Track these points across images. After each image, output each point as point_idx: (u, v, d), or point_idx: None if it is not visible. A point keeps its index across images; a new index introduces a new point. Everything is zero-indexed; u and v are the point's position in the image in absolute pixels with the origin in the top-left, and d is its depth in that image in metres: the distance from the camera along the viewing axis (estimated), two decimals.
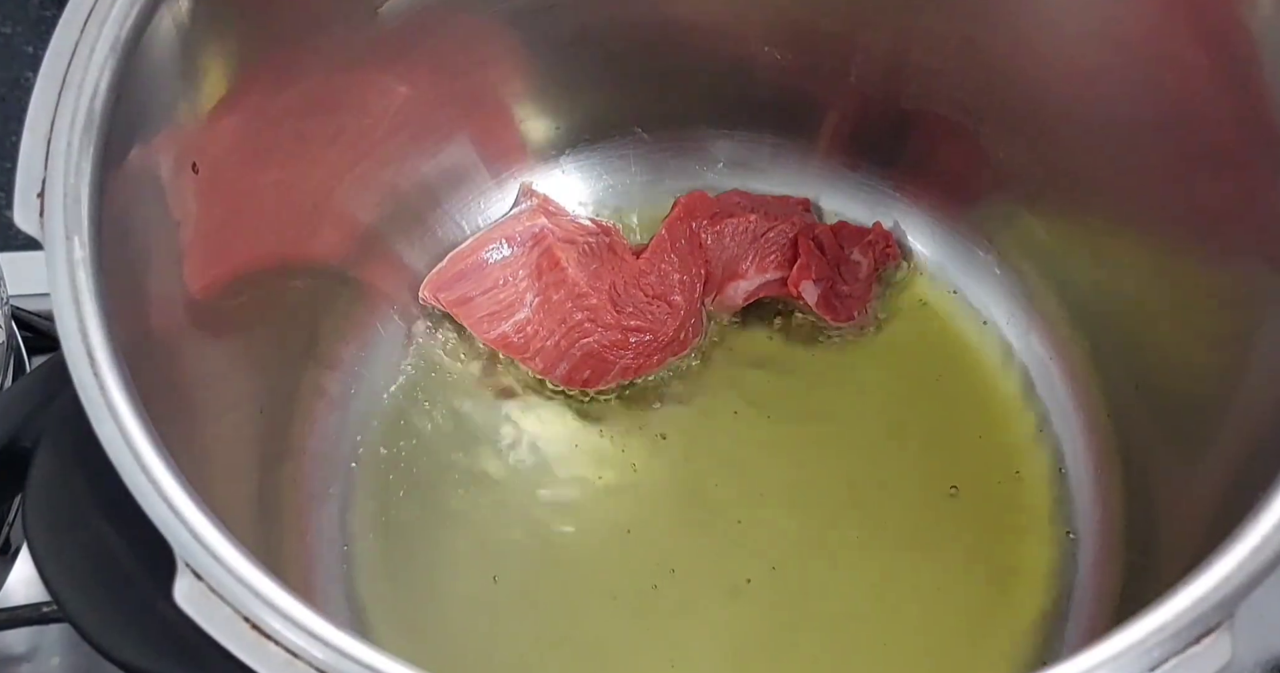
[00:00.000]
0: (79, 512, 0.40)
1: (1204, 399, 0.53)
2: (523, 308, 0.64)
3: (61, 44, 0.40)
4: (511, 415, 0.64)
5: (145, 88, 0.42)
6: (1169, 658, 0.34)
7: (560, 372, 0.64)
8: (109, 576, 0.40)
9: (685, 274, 0.66)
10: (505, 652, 0.58)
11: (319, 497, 0.61)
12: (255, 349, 0.55)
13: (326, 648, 0.34)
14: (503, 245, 0.65)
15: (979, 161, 0.65)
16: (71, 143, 0.39)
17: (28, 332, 0.60)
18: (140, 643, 0.39)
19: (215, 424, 0.50)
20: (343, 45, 0.54)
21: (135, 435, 0.36)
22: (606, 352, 0.64)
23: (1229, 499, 0.43)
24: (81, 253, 0.38)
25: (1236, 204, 0.51)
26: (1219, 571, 0.36)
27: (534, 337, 0.64)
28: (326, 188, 0.58)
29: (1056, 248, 0.64)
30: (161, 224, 0.45)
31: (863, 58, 0.64)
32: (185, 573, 0.35)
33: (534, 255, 0.65)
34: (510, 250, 0.65)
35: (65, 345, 0.37)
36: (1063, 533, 0.61)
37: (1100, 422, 0.62)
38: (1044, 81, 0.58)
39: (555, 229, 0.66)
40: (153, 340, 0.43)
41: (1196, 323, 0.55)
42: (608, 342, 0.64)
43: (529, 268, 0.65)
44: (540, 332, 0.64)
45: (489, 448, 0.63)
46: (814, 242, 0.66)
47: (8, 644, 0.61)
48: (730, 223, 0.67)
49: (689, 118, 0.69)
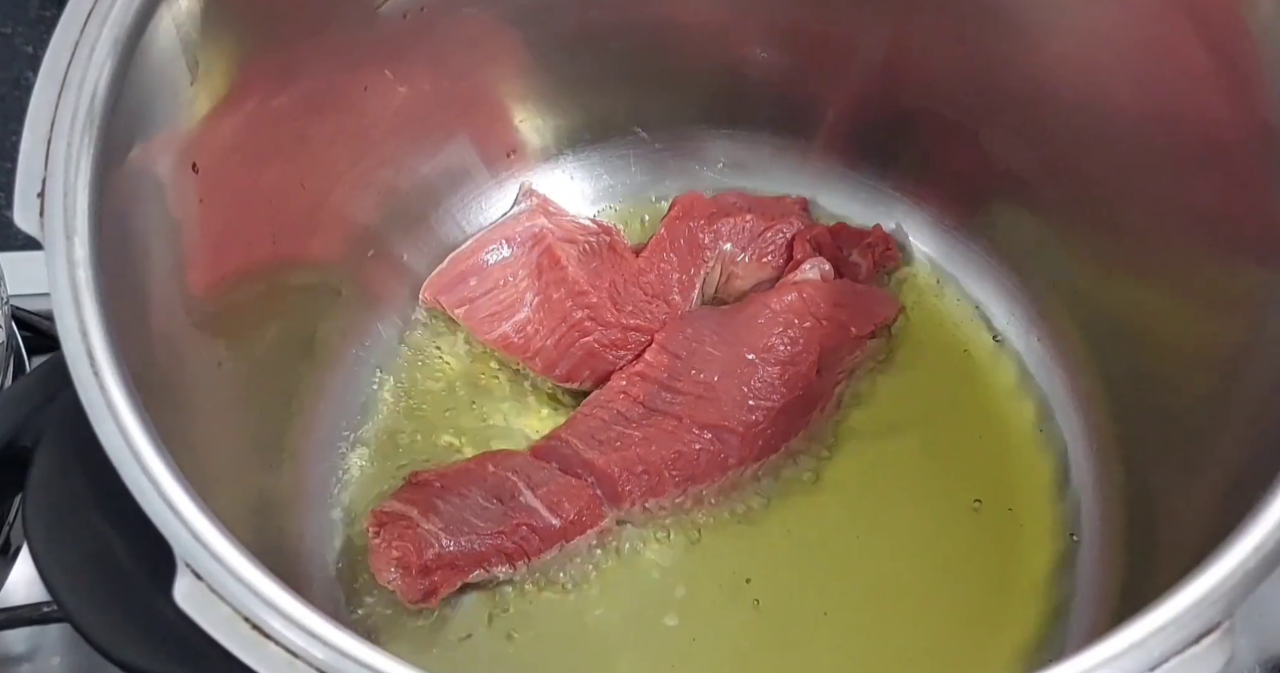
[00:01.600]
0: (79, 511, 0.40)
1: (1205, 399, 0.53)
2: (523, 308, 0.64)
3: (62, 43, 0.40)
4: (509, 416, 0.64)
5: (145, 87, 0.42)
6: (1169, 658, 0.34)
7: (560, 371, 0.64)
8: (109, 575, 0.40)
9: (684, 273, 0.66)
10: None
11: (319, 498, 0.61)
12: (255, 349, 0.54)
13: (327, 648, 0.34)
14: (503, 246, 0.65)
15: (979, 162, 0.65)
16: (71, 142, 0.39)
17: (27, 332, 0.60)
18: (140, 643, 0.39)
19: (215, 424, 0.50)
20: (343, 45, 0.54)
21: (135, 435, 0.36)
22: (606, 351, 0.64)
23: (1229, 500, 0.43)
24: (81, 252, 0.38)
25: (1235, 204, 0.51)
26: (1219, 570, 0.36)
27: (534, 336, 0.64)
28: (326, 188, 0.58)
29: (1058, 248, 0.64)
30: (162, 224, 0.45)
31: (861, 58, 0.64)
32: (185, 573, 0.35)
33: (534, 255, 0.65)
34: (510, 251, 0.65)
35: (65, 345, 0.37)
36: (1066, 535, 0.61)
37: (1102, 422, 0.62)
38: (1043, 82, 0.58)
39: (555, 229, 0.66)
40: (153, 340, 0.43)
41: (1197, 323, 0.55)
42: (607, 341, 0.64)
43: (529, 268, 0.65)
44: (540, 331, 0.64)
45: (488, 449, 0.63)
46: (811, 243, 0.66)
47: (8, 644, 0.61)
48: (727, 222, 0.66)
49: (689, 118, 0.70)
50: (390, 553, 0.56)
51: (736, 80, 0.67)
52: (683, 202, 0.68)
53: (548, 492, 0.58)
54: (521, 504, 0.58)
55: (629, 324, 0.64)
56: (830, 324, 0.63)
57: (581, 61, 0.65)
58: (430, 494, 0.58)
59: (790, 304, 0.63)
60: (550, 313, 0.64)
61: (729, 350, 0.62)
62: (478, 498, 0.58)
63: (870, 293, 0.66)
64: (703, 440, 0.60)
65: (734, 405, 0.60)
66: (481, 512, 0.57)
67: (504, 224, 0.67)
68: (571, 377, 0.64)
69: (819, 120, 0.68)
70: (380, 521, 0.57)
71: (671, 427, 0.60)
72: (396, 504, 0.58)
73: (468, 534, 0.57)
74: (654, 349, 0.63)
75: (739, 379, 0.61)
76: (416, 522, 0.57)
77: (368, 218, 0.63)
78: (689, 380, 0.61)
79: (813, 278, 0.64)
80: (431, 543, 0.56)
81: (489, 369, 0.65)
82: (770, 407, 0.60)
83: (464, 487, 0.58)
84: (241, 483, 0.52)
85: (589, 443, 0.60)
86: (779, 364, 0.61)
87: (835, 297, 0.64)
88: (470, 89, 0.63)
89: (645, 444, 0.60)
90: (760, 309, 0.63)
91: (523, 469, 0.59)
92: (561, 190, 0.70)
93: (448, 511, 0.57)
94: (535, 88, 0.66)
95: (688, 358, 0.62)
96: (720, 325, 0.63)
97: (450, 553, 0.56)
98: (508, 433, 0.64)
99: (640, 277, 0.66)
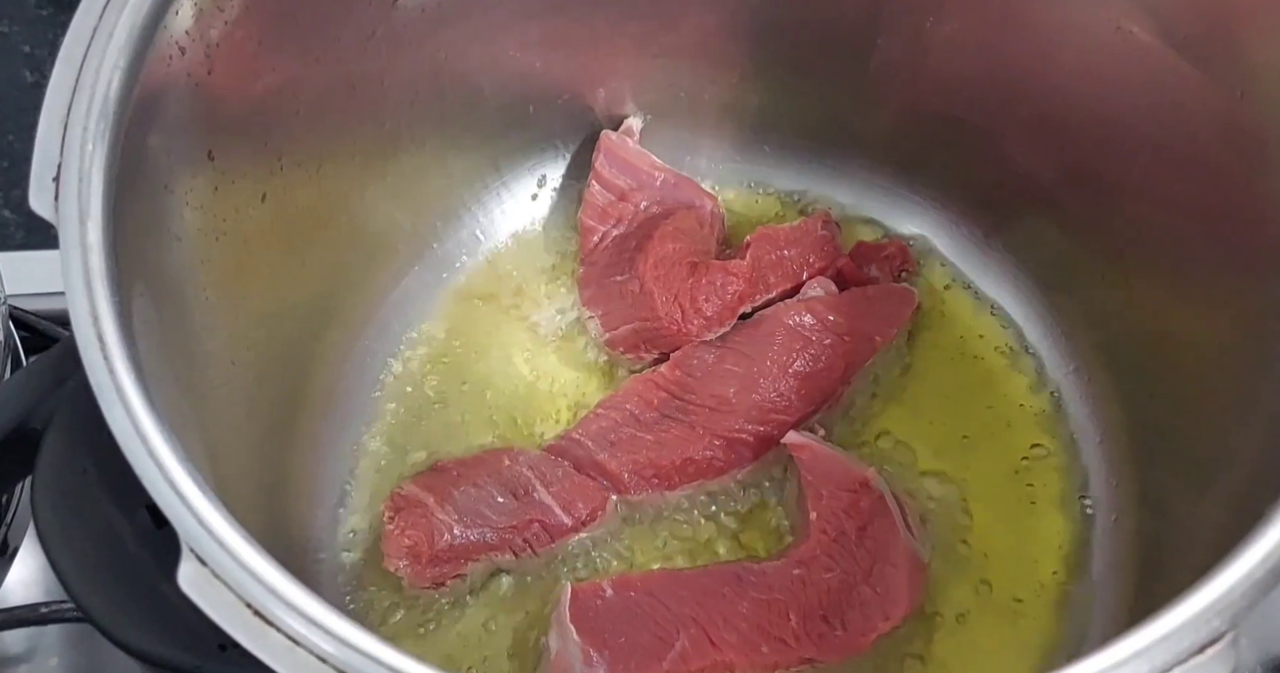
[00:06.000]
0: (86, 494, 0.41)
1: (1220, 412, 0.53)
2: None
3: (80, 28, 0.40)
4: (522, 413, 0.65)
5: (162, 74, 0.42)
6: (1173, 667, 0.34)
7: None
8: (114, 558, 0.40)
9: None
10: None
11: (328, 485, 0.61)
12: (268, 339, 0.55)
13: (329, 636, 0.34)
14: None
15: (1001, 168, 0.64)
16: (88, 127, 0.39)
17: (25, 332, 0.60)
18: (143, 626, 0.39)
19: (223, 410, 0.50)
20: (362, 35, 0.54)
21: (143, 420, 0.36)
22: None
23: (1240, 511, 0.43)
24: (95, 237, 0.38)
25: (1253, 214, 0.50)
26: (1224, 581, 0.35)
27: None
28: (346, 179, 0.58)
29: (1078, 257, 0.63)
30: (176, 211, 0.45)
31: (881, 62, 0.63)
32: (190, 558, 0.35)
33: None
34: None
35: (76, 329, 0.37)
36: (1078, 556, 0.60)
37: (1116, 431, 0.62)
38: (1063, 92, 0.58)
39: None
40: (164, 327, 0.44)
41: (1215, 336, 0.55)
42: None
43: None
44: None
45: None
46: (834, 278, 0.66)
47: (6, 645, 0.61)
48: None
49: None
50: (403, 541, 0.56)
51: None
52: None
53: (560, 490, 0.58)
54: (535, 500, 0.58)
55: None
56: (854, 339, 0.63)
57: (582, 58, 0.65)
58: (447, 481, 0.58)
59: (806, 322, 0.63)
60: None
61: (748, 366, 0.62)
62: (492, 490, 0.58)
63: (882, 293, 0.65)
64: (714, 448, 0.60)
65: (749, 419, 0.60)
66: (495, 505, 0.58)
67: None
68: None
69: (841, 125, 0.68)
70: (397, 505, 0.57)
71: (684, 433, 0.60)
72: (416, 489, 0.58)
73: (480, 526, 0.57)
74: (670, 365, 0.62)
75: (757, 394, 0.61)
76: (432, 510, 0.57)
77: (386, 207, 0.63)
78: (704, 394, 0.61)
79: (819, 294, 0.64)
80: (444, 533, 0.56)
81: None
82: (786, 421, 0.60)
83: (480, 477, 0.59)
84: (248, 470, 0.52)
85: (600, 444, 0.60)
86: (798, 379, 0.61)
87: (850, 309, 0.63)
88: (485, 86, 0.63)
89: (657, 448, 0.60)
90: (776, 327, 0.63)
91: (537, 465, 0.59)
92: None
93: (463, 500, 0.58)
94: (545, 87, 0.66)
95: (703, 376, 0.62)
96: (737, 343, 0.63)
97: (461, 544, 0.57)
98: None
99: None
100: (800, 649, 0.54)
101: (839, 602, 0.55)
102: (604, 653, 0.53)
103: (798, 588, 0.55)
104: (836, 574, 0.56)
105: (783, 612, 0.55)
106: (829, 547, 0.56)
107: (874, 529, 0.56)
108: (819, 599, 0.55)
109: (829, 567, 0.56)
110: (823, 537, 0.57)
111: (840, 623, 0.55)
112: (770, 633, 0.54)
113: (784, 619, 0.54)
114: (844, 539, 0.56)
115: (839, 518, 0.57)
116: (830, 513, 0.57)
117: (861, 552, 0.56)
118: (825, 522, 0.57)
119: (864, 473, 0.58)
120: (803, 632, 0.54)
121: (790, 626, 0.54)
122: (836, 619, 0.55)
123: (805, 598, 0.55)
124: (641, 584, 0.55)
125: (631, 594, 0.55)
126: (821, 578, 0.56)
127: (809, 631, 0.54)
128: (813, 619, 0.54)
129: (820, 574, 0.56)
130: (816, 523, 0.57)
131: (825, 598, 0.55)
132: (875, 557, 0.56)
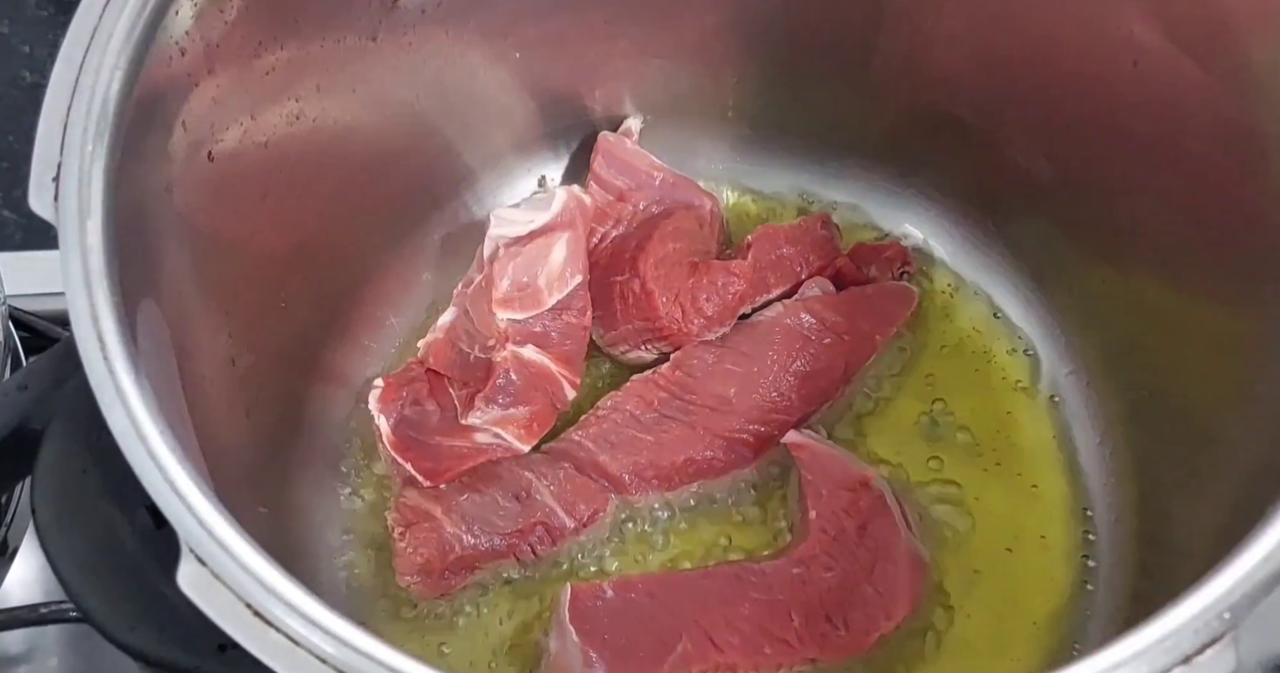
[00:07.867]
0: (86, 493, 0.41)
1: (1218, 410, 0.53)
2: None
3: (80, 28, 0.40)
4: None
5: (161, 75, 0.42)
6: (1172, 668, 0.34)
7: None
8: (114, 558, 0.40)
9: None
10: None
11: (329, 486, 0.61)
12: (267, 338, 0.55)
13: (329, 636, 0.34)
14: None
15: (1001, 169, 0.64)
16: (87, 127, 0.39)
17: (25, 332, 0.60)
18: (142, 626, 0.39)
19: (223, 411, 0.50)
20: (362, 35, 0.54)
21: (143, 420, 0.36)
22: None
23: (1240, 511, 0.43)
24: (95, 237, 0.38)
25: (1253, 214, 0.51)
26: (1224, 581, 0.35)
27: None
28: (345, 178, 0.58)
29: (1076, 255, 0.63)
30: (176, 212, 0.45)
31: (881, 62, 0.63)
32: (189, 558, 0.35)
33: None
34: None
35: (76, 329, 0.37)
36: (1079, 556, 0.60)
37: (1115, 431, 0.62)
38: (1060, 92, 0.58)
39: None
40: (164, 327, 0.44)
41: (1212, 334, 0.55)
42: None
43: None
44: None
45: None
46: (833, 278, 0.66)
47: (6, 645, 0.61)
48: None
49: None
50: (414, 559, 0.56)
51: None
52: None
53: (562, 491, 0.58)
54: (537, 502, 0.58)
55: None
56: (853, 338, 0.63)
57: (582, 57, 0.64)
58: (450, 487, 0.58)
59: (805, 322, 0.63)
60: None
61: (748, 366, 0.62)
62: (496, 495, 0.58)
63: (882, 292, 0.65)
64: (714, 448, 0.60)
65: (749, 419, 0.60)
66: (500, 510, 0.58)
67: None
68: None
69: (841, 126, 0.68)
70: (406, 519, 0.57)
71: (684, 433, 0.60)
72: (420, 498, 0.58)
73: (488, 534, 0.57)
74: (670, 365, 0.62)
75: (757, 394, 0.61)
76: (441, 523, 0.57)
77: (387, 202, 0.63)
78: (704, 394, 0.61)
79: (817, 294, 0.64)
80: (454, 546, 0.56)
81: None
82: (786, 420, 0.60)
83: (483, 483, 0.58)
84: (248, 472, 0.52)
85: (600, 445, 0.60)
86: (798, 379, 0.61)
87: (850, 308, 0.63)
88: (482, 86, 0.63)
89: (656, 449, 0.60)
90: (776, 326, 0.63)
91: (537, 467, 0.59)
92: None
93: (469, 508, 0.58)
94: (547, 86, 0.66)
95: (703, 376, 0.62)
96: (737, 343, 0.63)
97: (470, 554, 0.57)
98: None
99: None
100: (804, 650, 0.54)
101: (840, 601, 0.55)
102: (604, 654, 0.53)
103: (798, 588, 0.55)
104: (837, 574, 0.56)
105: (785, 612, 0.55)
106: (829, 546, 0.56)
107: (874, 528, 0.56)
108: (820, 599, 0.55)
109: (829, 566, 0.56)
110: (823, 536, 0.57)
111: (842, 623, 0.55)
112: (773, 634, 0.54)
113: (786, 620, 0.55)
114: (844, 538, 0.56)
115: (839, 517, 0.57)
116: (830, 512, 0.57)
117: (862, 551, 0.56)
118: (825, 521, 0.57)
119: (864, 472, 0.58)
120: (805, 632, 0.54)
121: (793, 626, 0.54)
122: (839, 619, 0.55)
123: (806, 598, 0.55)
124: (642, 585, 0.55)
125: (632, 596, 0.55)
126: (822, 577, 0.56)
127: (812, 631, 0.54)
128: (815, 619, 0.54)
129: (820, 574, 0.56)
130: (816, 522, 0.57)
131: (826, 598, 0.55)
132: (876, 556, 0.56)
